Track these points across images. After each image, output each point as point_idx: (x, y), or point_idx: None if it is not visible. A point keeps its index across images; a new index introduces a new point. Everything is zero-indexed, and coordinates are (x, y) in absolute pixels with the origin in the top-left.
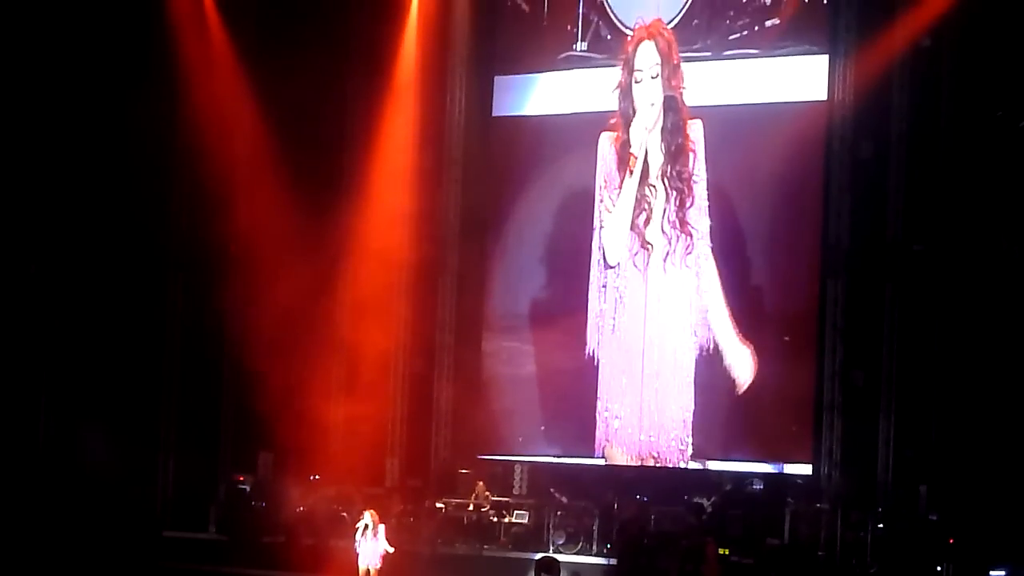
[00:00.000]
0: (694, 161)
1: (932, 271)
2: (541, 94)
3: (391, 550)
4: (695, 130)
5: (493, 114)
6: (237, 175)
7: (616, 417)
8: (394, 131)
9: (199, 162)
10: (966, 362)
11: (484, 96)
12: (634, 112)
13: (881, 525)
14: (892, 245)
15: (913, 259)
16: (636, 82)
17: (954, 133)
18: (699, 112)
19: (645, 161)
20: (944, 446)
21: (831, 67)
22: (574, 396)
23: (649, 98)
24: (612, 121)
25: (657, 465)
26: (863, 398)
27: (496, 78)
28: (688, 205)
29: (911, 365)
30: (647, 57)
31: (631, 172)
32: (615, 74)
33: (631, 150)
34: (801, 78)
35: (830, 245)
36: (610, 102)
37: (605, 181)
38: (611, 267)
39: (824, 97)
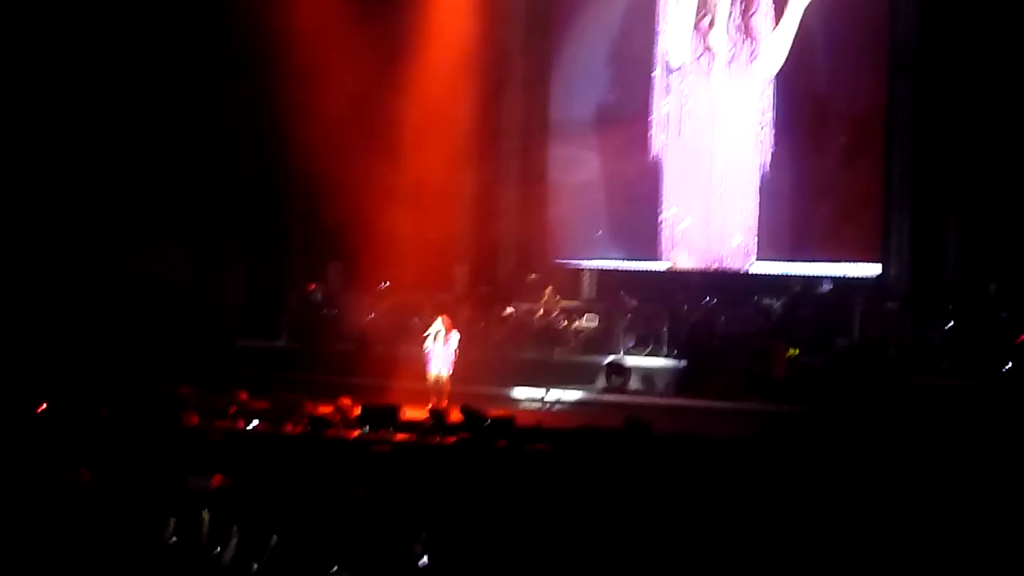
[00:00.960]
0: None
1: (999, 69)
2: None
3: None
4: None
5: None
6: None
7: (680, 221)
8: None
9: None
10: None
11: None
12: None
13: (951, 323)
14: (960, 43)
15: (981, 57)
16: None
17: None
18: None
19: None
20: (1013, 244)
21: None
22: (639, 200)
23: None
24: None
25: (723, 269)
26: (932, 197)
27: None
28: (752, 11)
29: (979, 165)
30: None
31: None
32: None
33: None
34: None
35: (898, 44)
36: None
37: None
38: (673, 71)
39: None
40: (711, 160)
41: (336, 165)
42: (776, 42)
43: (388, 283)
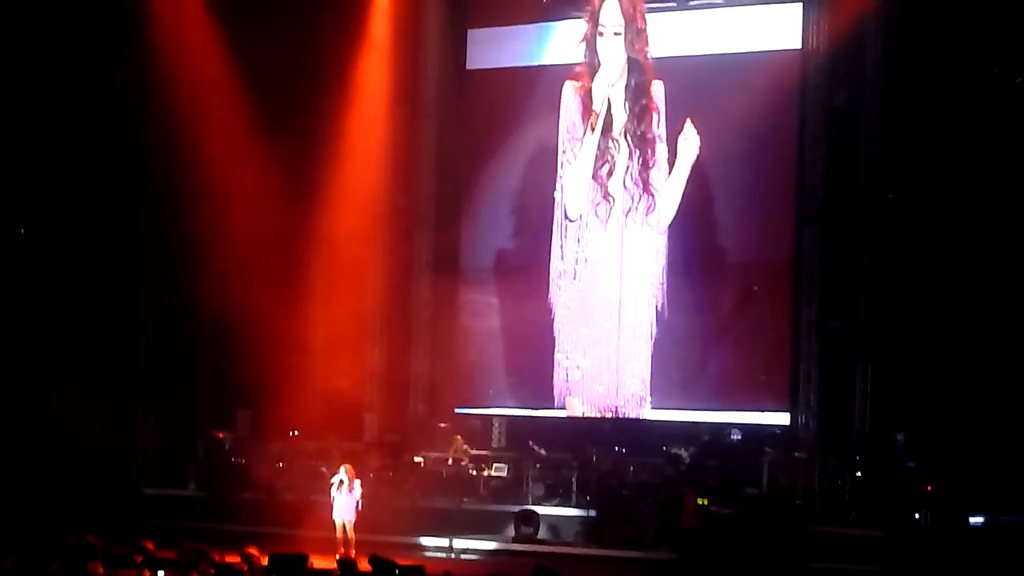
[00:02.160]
0: (658, 122)
1: (907, 219)
2: (514, 47)
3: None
4: (657, 91)
5: (467, 67)
6: (211, 130)
7: (577, 368)
8: (368, 85)
9: (171, 115)
10: (942, 310)
11: (458, 49)
12: (599, 64)
13: (859, 473)
14: (867, 193)
15: (887, 207)
16: (599, 35)
17: (928, 80)
18: (667, 64)
19: (609, 114)
20: (921, 394)
21: (805, 15)
22: (537, 348)
23: (612, 54)
24: (577, 70)
25: (619, 417)
26: (840, 347)
27: (470, 31)
28: (651, 165)
29: (887, 314)
30: (611, 14)
31: (592, 128)
32: (583, 26)
33: (593, 106)
34: (773, 27)
35: (805, 194)
36: (579, 54)
37: (568, 131)
38: (572, 220)
39: (798, 46)
40: (608, 309)
41: (246, 312)
42: (669, 194)
43: (297, 431)
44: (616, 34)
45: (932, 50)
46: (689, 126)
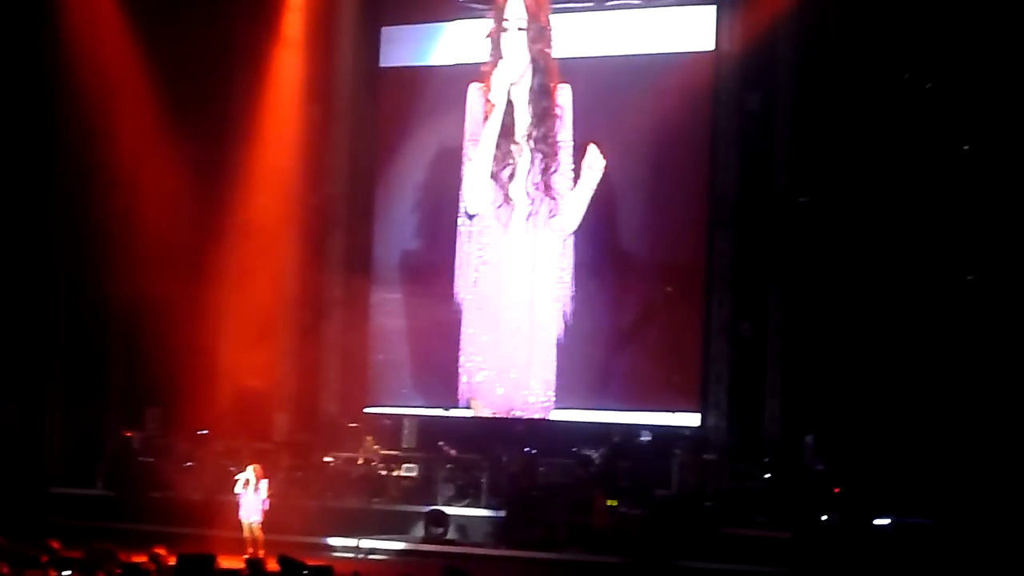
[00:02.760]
0: (560, 126)
1: (818, 222)
2: (426, 45)
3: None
4: (563, 95)
5: (380, 65)
6: (121, 123)
7: (480, 370)
8: (281, 81)
9: (81, 107)
10: (852, 313)
11: (371, 47)
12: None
13: (768, 475)
14: (779, 197)
15: (799, 211)
16: (504, 31)
17: (840, 84)
18: (578, 64)
19: (511, 117)
20: (829, 397)
21: (719, 17)
22: (442, 348)
23: (515, 50)
24: (483, 70)
25: (523, 419)
26: (750, 349)
27: (383, 29)
28: (552, 170)
29: (797, 317)
30: (515, 9)
31: (487, 117)
32: (488, 26)
33: (488, 96)
34: (688, 29)
35: (717, 197)
36: (485, 53)
37: (471, 132)
38: (472, 217)
39: (711, 48)
40: (510, 310)
41: (155, 309)
42: (574, 202)
43: (207, 431)
44: (520, 29)
45: (844, 54)
46: (593, 151)
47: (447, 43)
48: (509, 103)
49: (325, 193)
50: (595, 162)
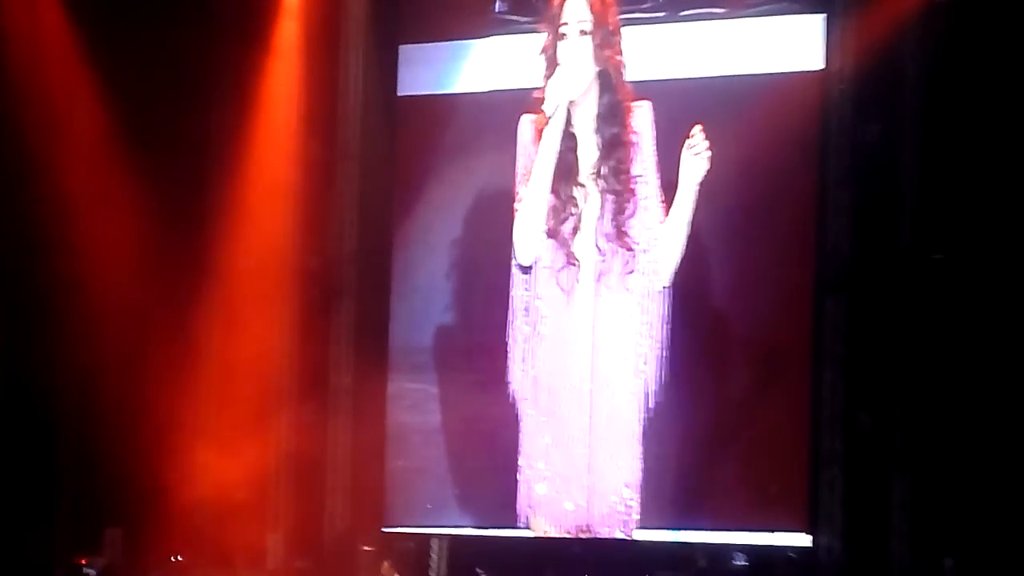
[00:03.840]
0: (636, 156)
1: (955, 285)
2: (456, 67)
3: None
4: (640, 116)
5: (398, 93)
6: (76, 180)
7: (542, 479)
8: (273, 112)
9: (27, 172)
10: (998, 402)
11: (387, 71)
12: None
13: None
14: (905, 253)
15: (931, 271)
16: (562, 38)
17: (981, 111)
18: (650, 88)
19: (574, 154)
20: (972, 509)
21: (828, 28)
22: (493, 452)
23: (575, 60)
24: (535, 97)
25: (598, 538)
26: (870, 448)
27: (401, 47)
28: (628, 213)
29: (930, 406)
30: (575, 10)
31: (539, 135)
32: (543, 37)
33: (542, 107)
34: (788, 44)
35: (827, 253)
36: (536, 77)
37: (523, 174)
38: (526, 282)
39: (818, 67)
40: (576, 402)
41: (116, 404)
42: (662, 242)
43: (181, 557)
44: (583, 33)
45: (984, 72)
46: (698, 133)
47: (481, 64)
48: (570, 134)
49: (329, 253)
50: (699, 148)
